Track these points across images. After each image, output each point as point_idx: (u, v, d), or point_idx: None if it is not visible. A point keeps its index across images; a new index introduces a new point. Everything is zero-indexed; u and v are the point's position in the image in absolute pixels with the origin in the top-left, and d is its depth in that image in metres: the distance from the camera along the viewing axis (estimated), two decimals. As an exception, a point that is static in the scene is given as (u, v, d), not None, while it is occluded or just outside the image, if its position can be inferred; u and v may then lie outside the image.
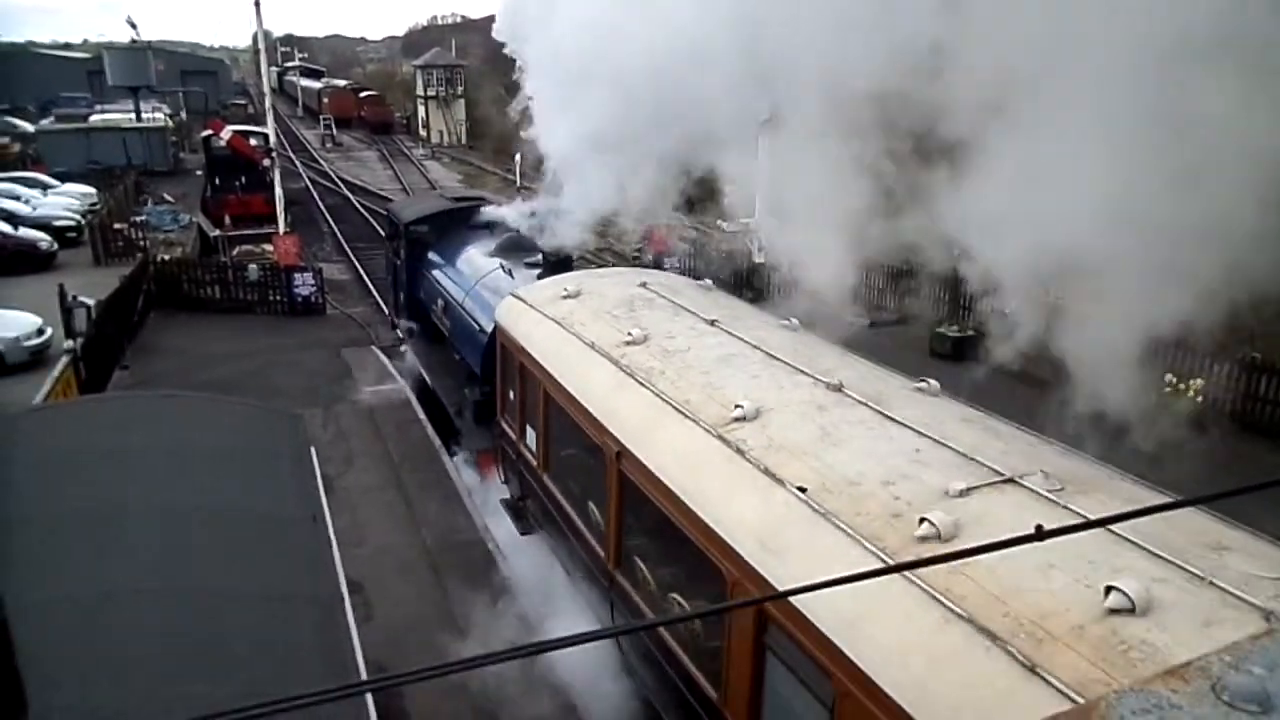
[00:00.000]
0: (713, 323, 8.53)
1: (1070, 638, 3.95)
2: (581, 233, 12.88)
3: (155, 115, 46.95)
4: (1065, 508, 4.89)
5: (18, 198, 29.62)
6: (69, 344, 14.78)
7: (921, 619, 4.35)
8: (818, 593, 4.49)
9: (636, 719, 8.09)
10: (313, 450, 7.84)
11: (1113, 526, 4.46)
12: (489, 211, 15.32)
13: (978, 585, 4.35)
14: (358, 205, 37.98)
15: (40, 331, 17.27)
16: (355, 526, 11.68)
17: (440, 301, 15.00)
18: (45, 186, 33.25)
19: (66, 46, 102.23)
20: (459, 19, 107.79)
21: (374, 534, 11.85)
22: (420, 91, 65.58)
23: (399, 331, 18.45)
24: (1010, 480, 5.25)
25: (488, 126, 59.17)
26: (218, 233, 29.68)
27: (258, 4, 24.02)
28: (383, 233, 22.64)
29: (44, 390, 13.95)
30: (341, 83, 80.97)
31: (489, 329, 11.87)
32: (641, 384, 7.53)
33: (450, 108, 64.37)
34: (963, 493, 5.11)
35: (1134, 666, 3.73)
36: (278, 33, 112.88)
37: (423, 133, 65.08)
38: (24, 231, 25.11)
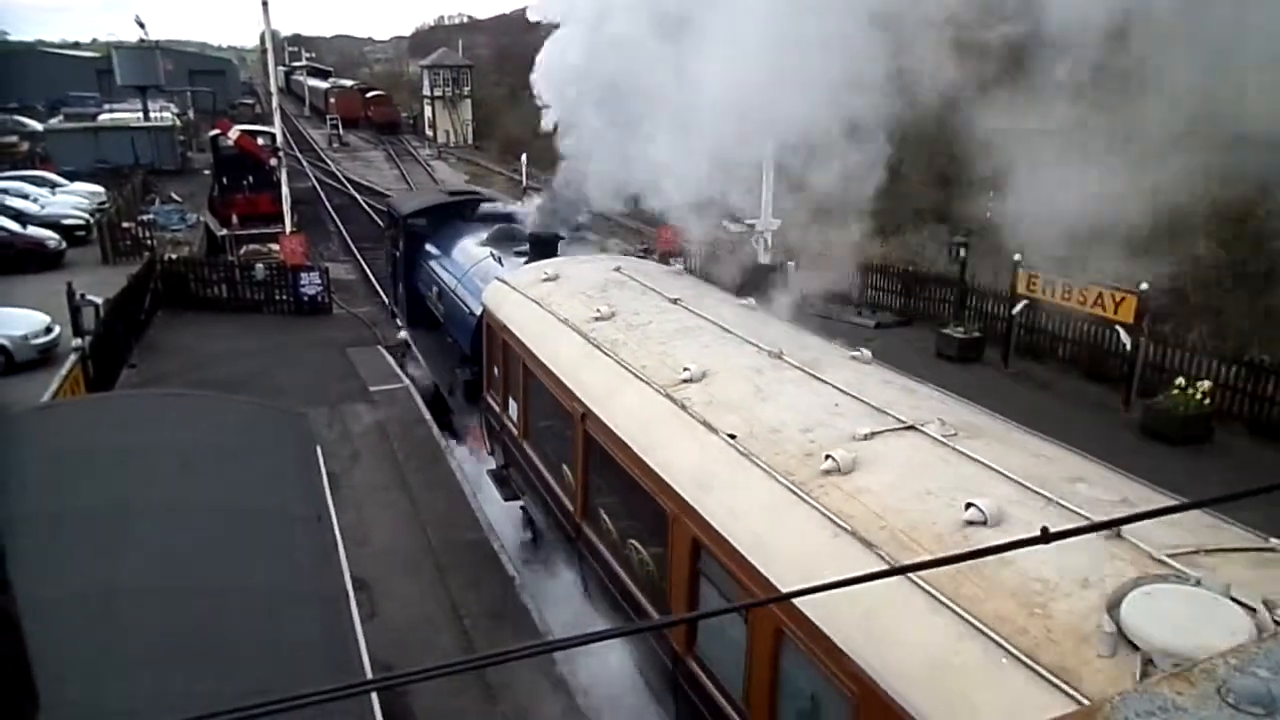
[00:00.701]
0: (675, 301, 9.44)
1: (930, 543, 4.85)
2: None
3: (163, 115, 47.13)
4: (954, 449, 5.77)
5: (26, 196, 29.76)
6: (77, 342, 14.82)
7: (818, 535, 5.29)
8: (734, 516, 5.97)
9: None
10: (318, 449, 7.86)
11: (985, 459, 5.55)
12: (485, 207, 16.25)
13: (865, 507, 5.29)
14: (364, 205, 38.05)
15: (48, 329, 17.36)
16: (360, 525, 11.71)
17: (435, 289, 15.70)
18: (54, 185, 33.39)
19: (75, 45, 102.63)
20: (466, 19, 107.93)
21: (379, 533, 11.87)
22: (427, 91, 65.65)
23: (397, 321, 19.38)
24: (911, 427, 6.11)
25: (494, 127, 59.26)
26: (225, 232, 29.75)
27: (265, 4, 24.08)
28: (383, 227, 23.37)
29: (52, 388, 14.01)
30: (348, 83, 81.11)
31: (478, 312, 12.48)
32: (606, 353, 8.40)
33: (457, 108, 64.43)
34: (867, 436, 6.02)
35: (978, 564, 4.41)
36: (285, 32, 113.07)
37: (429, 133, 65.16)
38: (32, 230, 25.23)
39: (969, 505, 4.88)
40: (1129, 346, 16.14)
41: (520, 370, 10.30)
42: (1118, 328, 16.31)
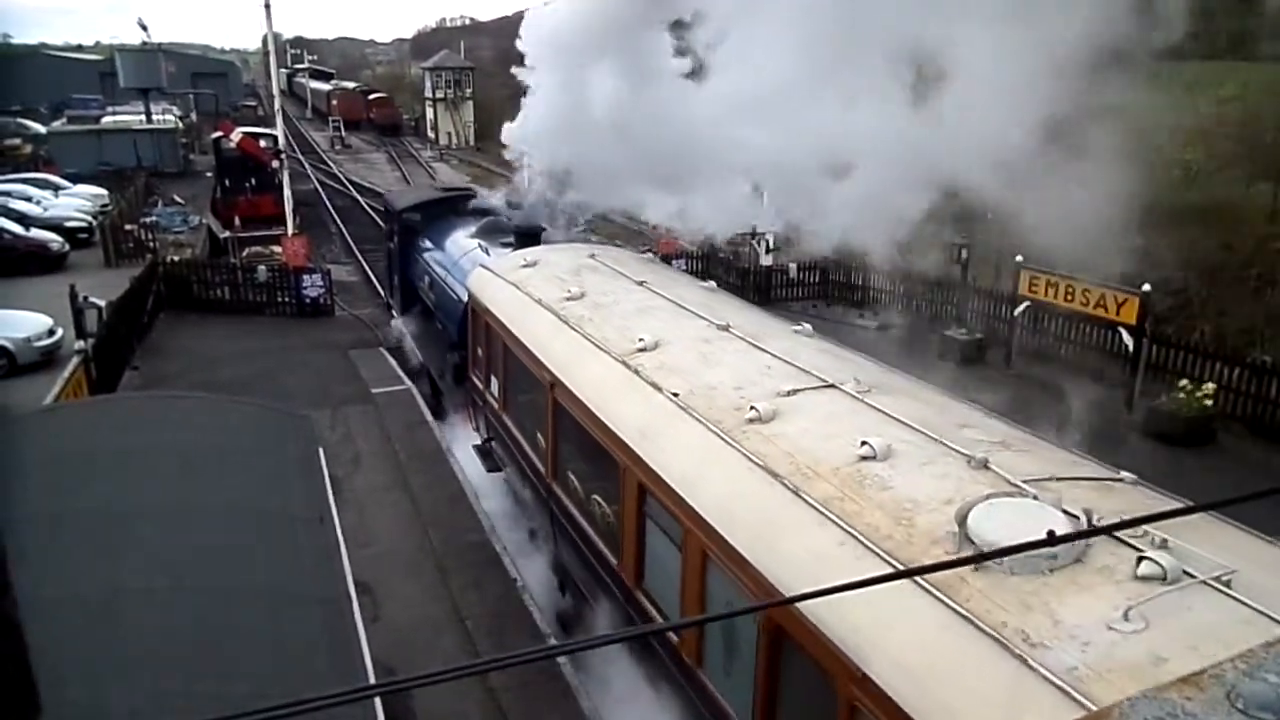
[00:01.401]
0: (641, 283, 10.30)
1: (827, 474, 5.73)
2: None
3: (166, 117, 47.19)
4: (863, 401, 6.70)
5: (29, 199, 29.78)
6: (80, 344, 14.83)
7: (737, 471, 6.16)
8: (672, 460, 6.79)
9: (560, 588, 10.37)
10: (321, 451, 7.86)
11: (887, 409, 6.46)
12: (476, 201, 17.12)
13: (778, 448, 6.17)
14: (366, 207, 38.07)
15: (51, 332, 17.37)
16: (363, 527, 11.71)
17: (427, 279, 16.49)
18: (56, 188, 33.42)
19: (78, 48, 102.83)
20: (468, 21, 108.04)
21: (381, 535, 11.87)
22: (428, 93, 65.72)
23: (393, 311, 20.27)
24: (830, 385, 7.03)
25: (496, 129, 59.16)
26: (227, 234, 29.78)
27: (268, 6, 24.13)
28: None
29: (55, 390, 14.02)
30: (350, 85, 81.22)
31: (465, 299, 13.15)
32: (573, 329, 9.22)
33: (459, 110, 64.48)
34: (790, 392, 6.90)
35: (863, 488, 5.50)
36: (287, 35, 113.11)
37: (431, 135, 65.21)
38: (35, 232, 25.26)
39: (863, 443, 5.81)
40: (1131, 348, 16.12)
41: (500, 349, 11.11)
42: (1120, 329, 16.30)
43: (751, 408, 6.58)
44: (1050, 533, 2.35)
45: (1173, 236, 18.66)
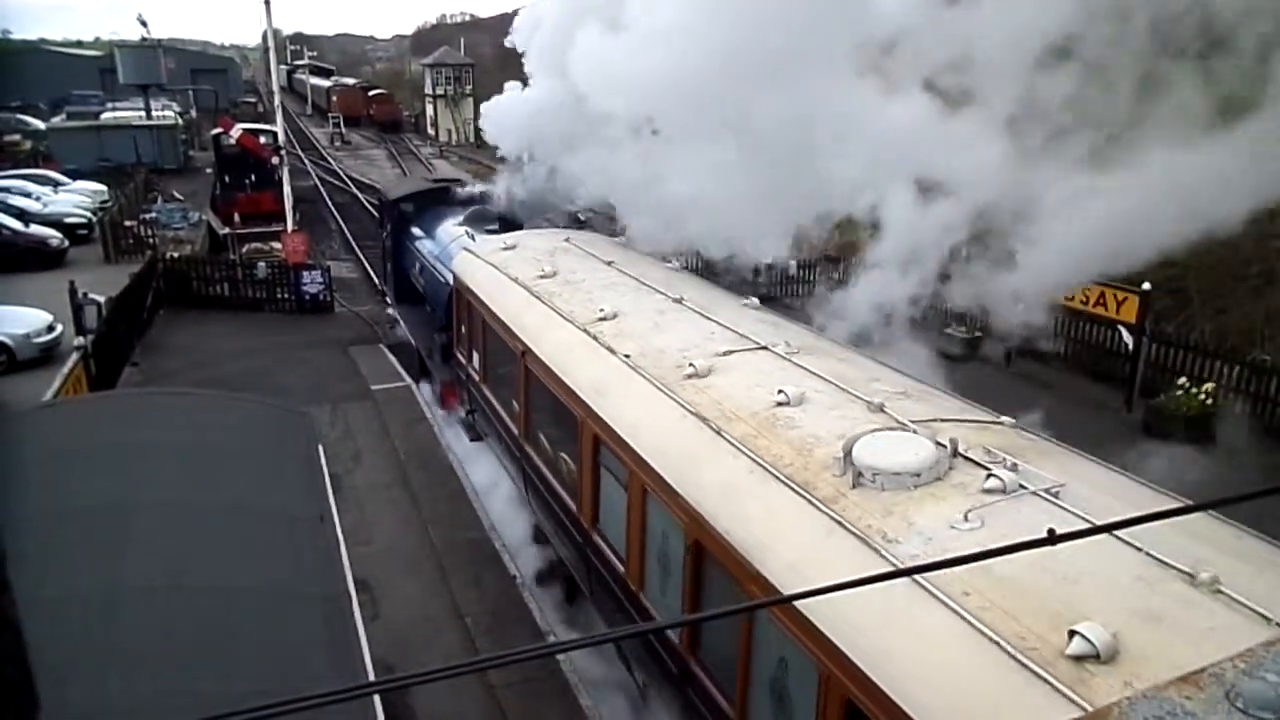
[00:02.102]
0: (609, 263, 11.16)
1: (747, 418, 6.62)
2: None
3: (166, 113, 47.14)
4: (789, 360, 7.55)
5: (29, 195, 29.73)
6: (79, 341, 14.82)
7: (671, 416, 7.07)
8: (620, 412, 7.62)
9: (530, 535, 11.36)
10: (320, 448, 7.86)
11: (809, 367, 7.35)
12: (465, 191, 17.89)
13: (710, 398, 7.07)
14: (366, 203, 38.03)
15: (51, 328, 17.35)
16: (363, 525, 11.71)
17: (417, 265, 17.32)
18: (56, 184, 33.35)
19: (78, 44, 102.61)
20: (468, 18, 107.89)
21: (381, 532, 11.87)
22: (429, 90, 65.63)
23: (387, 298, 21.08)
24: (763, 347, 7.90)
25: (496, 125, 59.05)
26: (227, 230, 29.76)
27: (267, 2, 24.11)
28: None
29: (54, 387, 14.00)
30: (350, 81, 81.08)
31: (451, 282, 13.83)
32: (544, 302, 10.08)
33: (459, 106, 64.36)
34: (726, 353, 7.83)
35: (774, 428, 6.41)
36: (287, 31, 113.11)
37: (431, 131, 65.14)
38: (35, 228, 25.20)
39: (780, 392, 6.74)
40: (1130, 346, 16.12)
41: (481, 325, 11.99)
42: (1120, 328, 16.29)
43: (690, 365, 7.54)
44: (1050, 531, 2.36)
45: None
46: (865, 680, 4.54)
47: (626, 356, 8.14)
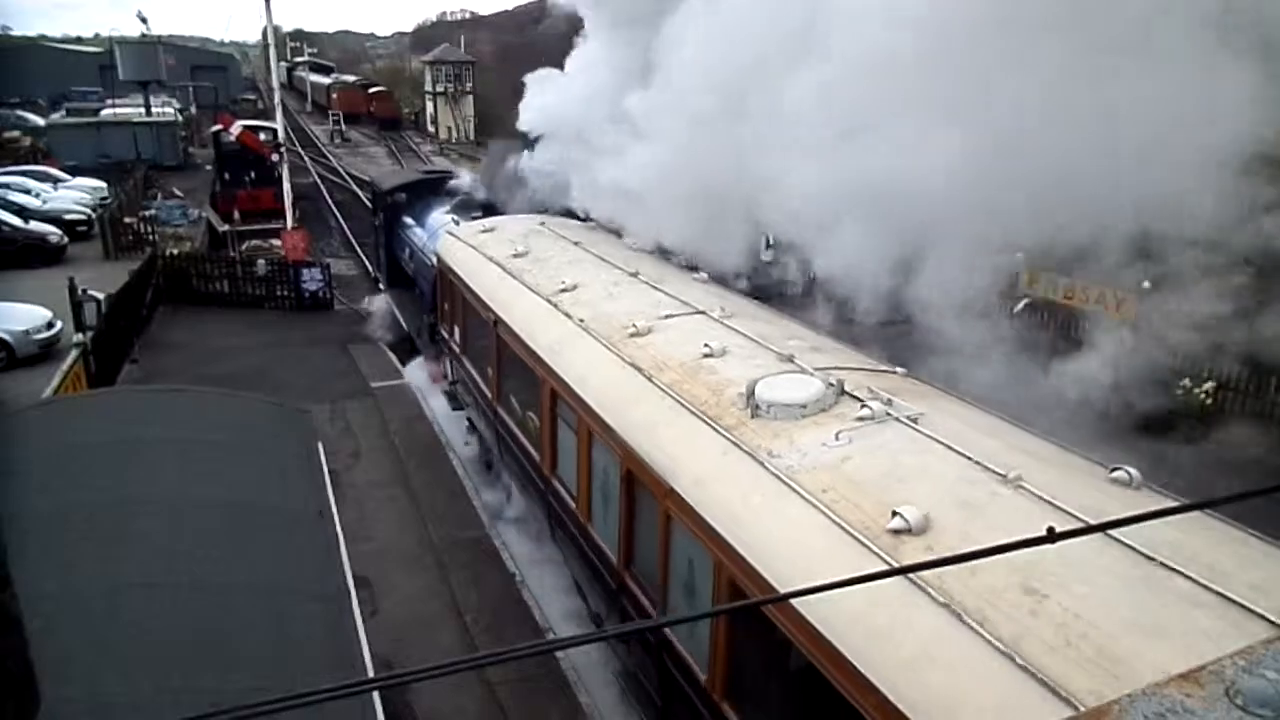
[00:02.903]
0: (576, 244, 11.96)
1: (675, 367, 7.58)
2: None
3: (165, 110, 47.10)
4: (721, 323, 8.44)
5: (29, 191, 29.72)
6: (79, 337, 14.82)
7: (613, 369, 8.04)
8: (572, 368, 8.53)
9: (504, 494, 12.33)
10: (320, 445, 7.86)
11: (737, 328, 8.23)
12: (454, 182, 18.76)
13: (647, 353, 7.96)
14: (366, 201, 38.00)
15: (50, 325, 17.34)
16: (362, 522, 11.71)
17: (407, 251, 18.56)
18: (56, 180, 33.36)
19: (78, 41, 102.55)
20: (468, 15, 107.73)
21: (380, 530, 11.87)
22: (429, 87, 65.57)
23: (380, 284, 22.41)
24: (700, 312, 8.78)
25: (496, 123, 59.13)
26: (227, 227, 29.75)
27: (268, -1, 24.08)
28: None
29: (54, 383, 13.99)
30: (350, 78, 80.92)
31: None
32: (514, 278, 11.03)
33: (459, 104, 64.34)
34: (666, 316, 8.71)
35: (697, 375, 7.36)
36: (287, 28, 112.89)
37: (431, 129, 65.10)
38: (35, 225, 25.20)
39: (706, 346, 7.66)
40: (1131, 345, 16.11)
41: (461, 301, 12.97)
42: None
43: (633, 325, 8.43)
44: (1050, 529, 2.36)
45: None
46: (745, 564, 5.59)
47: (581, 321, 9.12)
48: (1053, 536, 2.37)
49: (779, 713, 5.81)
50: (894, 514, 4.95)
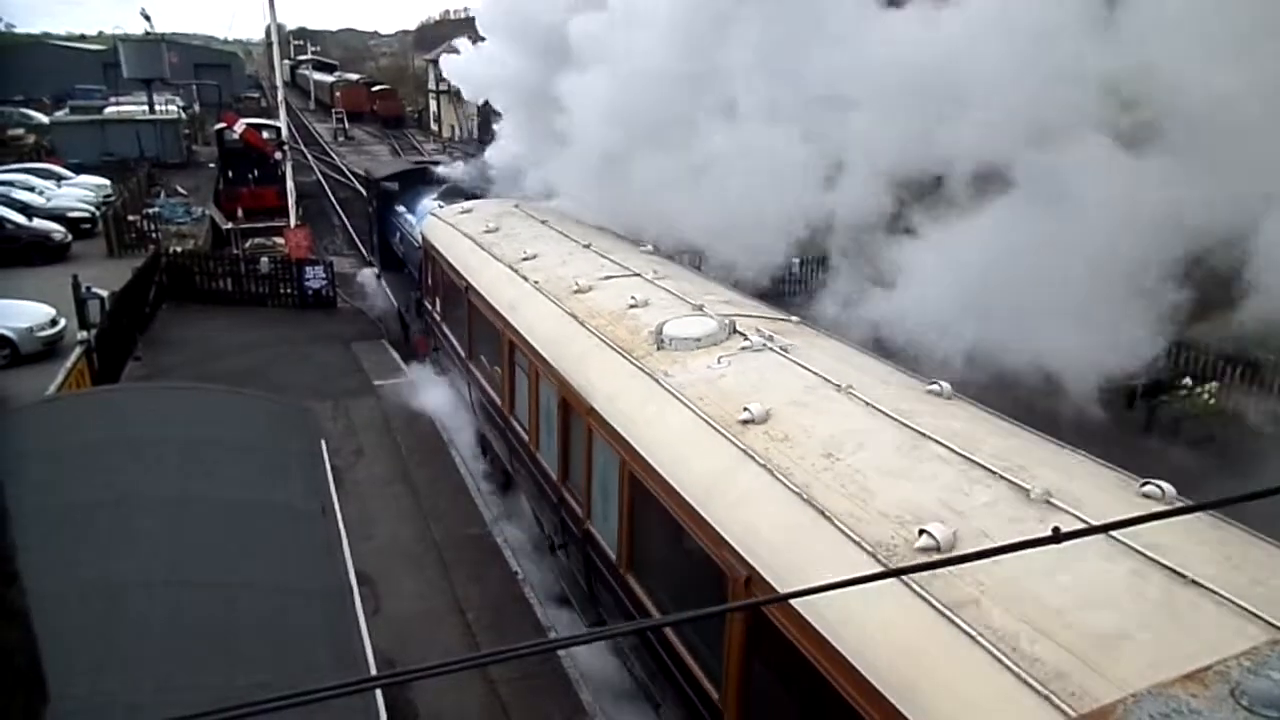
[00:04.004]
0: (544, 222, 13.36)
1: (604, 315, 8.96)
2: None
3: (169, 108, 47.13)
4: (651, 282, 9.77)
5: (32, 189, 29.73)
6: (82, 335, 14.85)
7: (557, 319, 9.42)
8: (526, 320, 9.99)
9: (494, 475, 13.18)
10: (323, 443, 7.87)
11: (664, 285, 9.62)
12: (440, 171, 20.85)
13: (585, 305, 9.33)
14: (370, 199, 37.97)
15: (54, 322, 17.36)
16: (364, 519, 11.72)
17: (398, 235, 20.26)
18: (59, 178, 33.38)
19: (82, 38, 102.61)
20: (471, 14, 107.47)
21: (383, 527, 11.89)
22: (432, 86, 65.53)
23: (374, 268, 23.96)
24: (635, 274, 10.16)
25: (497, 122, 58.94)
26: (230, 225, 29.78)
27: (271, -3, 24.07)
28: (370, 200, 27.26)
29: (57, 381, 14.03)
30: (354, 77, 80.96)
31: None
32: (485, 250, 12.39)
33: (462, 102, 64.24)
34: (606, 278, 10.14)
35: (621, 320, 8.73)
36: (290, 26, 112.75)
37: (434, 127, 65.08)
38: (38, 222, 25.20)
39: (633, 298, 9.05)
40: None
41: (441, 275, 14.35)
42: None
43: (576, 284, 9.84)
44: (1055, 529, 2.36)
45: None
46: (640, 458, 7.01)
47: (535, 283, 10.43)
48: (1058, 537, 2.37)
49: (660, 571, 7.43)
50: (744, 409, 6.46)
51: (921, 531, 4.72)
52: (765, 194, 11.17)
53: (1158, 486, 5.11)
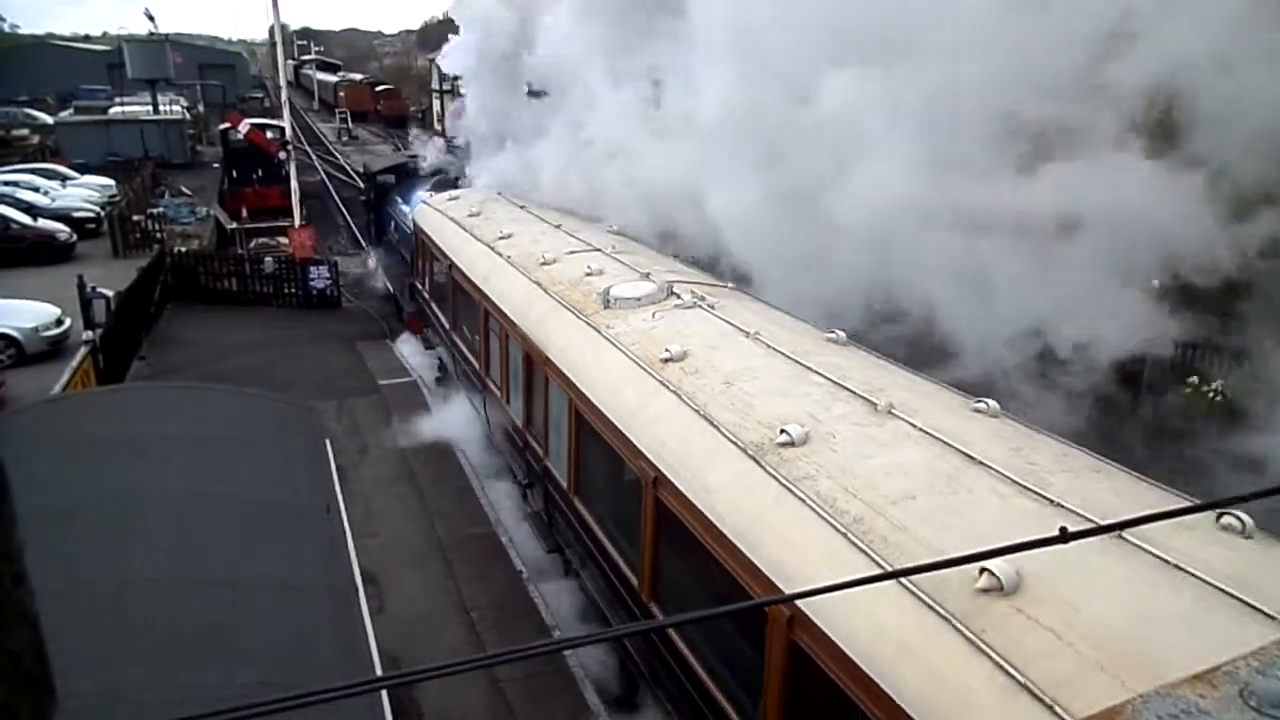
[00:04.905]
0: (521, 207, 14.82)
1: (565, 282, 10.18)
2: None
3: (173, 108, 47.21)
4: (611, 256, 11.04)
5: (37, 189, 29.80)
6: (87, 335, 14.88)
7: (526, 289, 10.70)
8: (498, 290, 11.49)
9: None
10: (328, 442, 7.88)
11: (622, 261, 10.83)
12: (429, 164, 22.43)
13: (550, 276, 10.56)
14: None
15: (59, 322, 17.40)
16: (369, 518, 11.73)
17: (393, 224, 21.96)
18: (64, 178, 33.45)
19: (86, 39, 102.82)
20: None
21: (387, 526, 11.90)
22: (435, 85, 65.52)
23: (370, 254, 25.67)
24: (597, 249, 11.40)
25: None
26: (234, 225, 29.81)
27: (275, -3, 24.10)
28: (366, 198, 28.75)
29: (63, 380, 14.05)
30: (357, 76, 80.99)
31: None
32: (467, 231, 13.87)
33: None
34: (570, 252, 11.39)
35: (578, 286, 9.94)
36: (294, 26, 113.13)
37: (438, 126, 65.07)
38: (43, 223, 25.25)
39: (589, 267, 10.33)
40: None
41: (429, 255, 15.78)
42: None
43: (543, 256, 11.12)
44: (1062, 529, 2.35)
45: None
46: (582, 395, 8.29)
47: (508, 257, 11.74)
48: (1065, 536, 2.36)
49: (598, 492, 8.61)
50: (666, 350, 7.69)
51: (782, 430, 5.95)
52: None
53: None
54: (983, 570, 4.28)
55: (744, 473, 5.82)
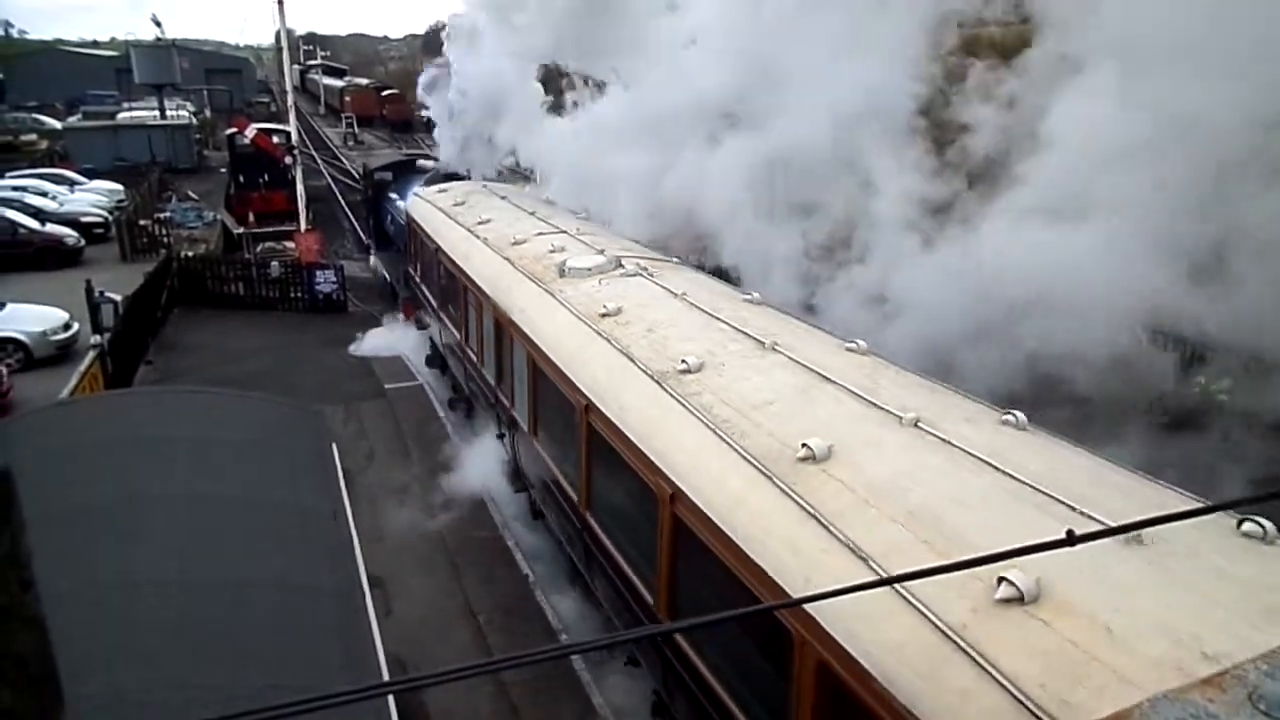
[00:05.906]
0: (503, 199, 16.04)
1: (530, 258, 11.41)
2: None
3: (180, 113, 47.42)
4: (574, 238, 12.14)
5: (45, 194, 29.95)
6: (96, 339, 14.93)
7: (499, 266, 11.79)
8: (484, 277, 12.21)
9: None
10: (334, 446, 7.89)
11: (593, 244, 11.67)
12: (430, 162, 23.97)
13: (518, 254, 11.65)
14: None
15: (67, 326, 17.48)
16: (375, 522, 11.75)
17: (390, 218, 22.74)
18: (72, 183, 33.61)
19: (94, 44, 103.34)
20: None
21: (393, 530, 11.91)
22: (440, 89, 65.63)
23: (370, 251, 26.66)
24: (563, 231, 12.54)
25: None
26: (241, 230, 29.90)
27: (281, 2, 24.23)
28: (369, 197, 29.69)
29: (71, 384, 14.10)
30: (364, 81, 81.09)
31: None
32: (452, 219, 15.08)
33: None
34: (538, 233, 12.49)
35: (540, 260, 11.20)
36: (300, 31, 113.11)
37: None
38: (51, 227, 25.37)
39: (552, 246, 11.57)
40: (1142, 340, 15.96)
41: (420, 243, 17.14)
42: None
43: (515, 238, 12.26)
44: (1069, 532, 2.34)
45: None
46: (537, 347, 9.61)
47: (484, 240, 12.90)
48: (1072, 540, 2.35)
49: (550, 427, 9.76)
50: (603, 307, 8.87)
51: (682, 361, 7.32)
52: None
53: (855, 343, 7.68)
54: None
55: (650, 393, 7.37)
